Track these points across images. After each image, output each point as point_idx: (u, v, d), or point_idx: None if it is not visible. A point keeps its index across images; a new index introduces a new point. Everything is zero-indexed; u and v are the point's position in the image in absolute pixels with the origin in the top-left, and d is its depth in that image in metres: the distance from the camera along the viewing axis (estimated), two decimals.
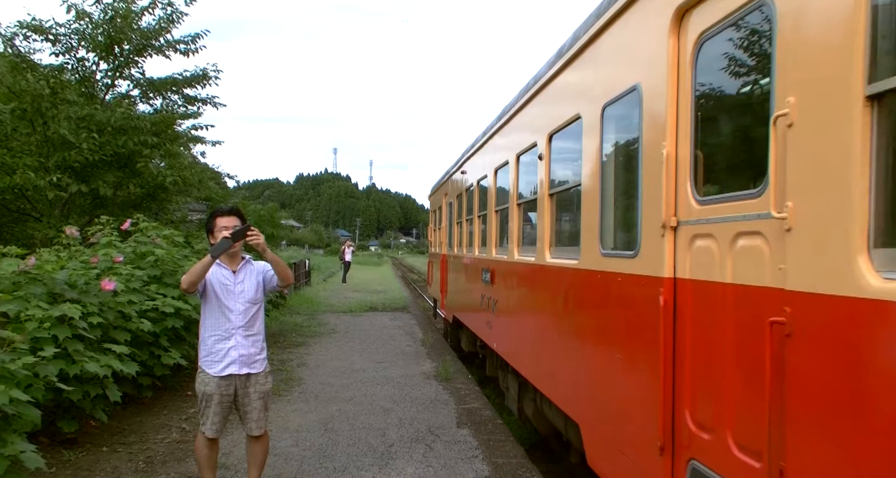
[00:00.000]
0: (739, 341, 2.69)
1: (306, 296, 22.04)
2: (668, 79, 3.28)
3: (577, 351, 4.67)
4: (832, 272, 2.12)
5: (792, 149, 2.33)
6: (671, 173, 3.24)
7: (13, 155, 11.52)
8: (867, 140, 2.00)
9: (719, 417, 2.83)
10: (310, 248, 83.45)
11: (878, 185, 1.99)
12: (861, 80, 2.01)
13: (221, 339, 4.41)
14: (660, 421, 3.24)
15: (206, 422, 4.46)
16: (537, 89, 5.87)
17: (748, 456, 2.62)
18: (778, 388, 2.37)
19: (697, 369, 3.02)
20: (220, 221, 4.48)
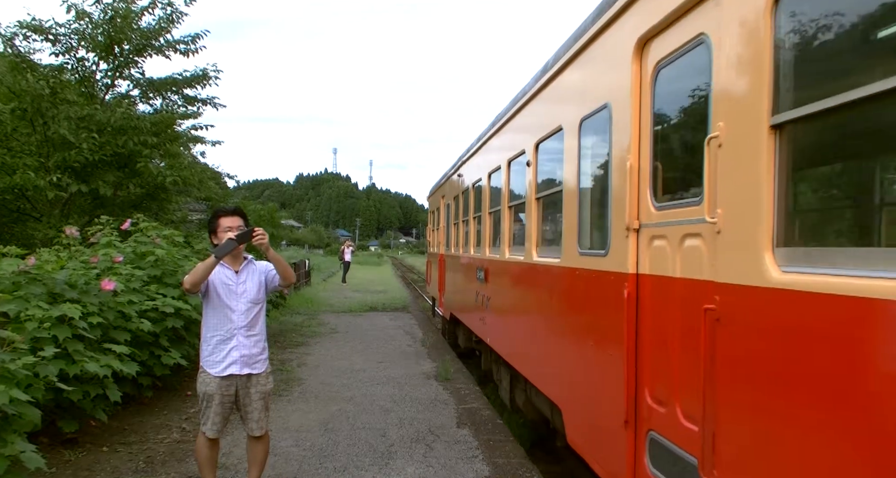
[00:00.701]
0: (684, 327, 3.14)
1: (306, 296, 22.04)
2: (632, 99, 3.73)
3: (559, 341, 5.14)
4: (747, 267, 2.59)
5: (721, 165, 2.79)
6: (634, 182, 3.71)
7: (13, 155, 11.52)
8: (771, 161, 2.47)
9: (671, 392, 3.28)
10: (310, 248, 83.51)
11: (779, 197, 2.46)
12: (767, 111, 2.48)
13: (223, 339, 4.41)
14: (624, 399, 3.72)
15: (206, 422, 4.46)
16: (526, 101, 6.30)
17: (691, 423, 3.07)
18: (710, 364, 2.83)
19: (654, 352, 3.49)
20: (224, 221, 4.48)
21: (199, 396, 4.49)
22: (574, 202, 4.81)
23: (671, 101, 3.52)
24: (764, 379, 2.50)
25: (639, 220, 3.70)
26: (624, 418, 3.72)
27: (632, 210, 3.73)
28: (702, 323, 2.86)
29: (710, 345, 2.83)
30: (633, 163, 3.70)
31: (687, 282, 3.14)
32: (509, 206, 7.21)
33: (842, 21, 2.28)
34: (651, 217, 3.58)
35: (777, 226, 2.48)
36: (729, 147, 2.72)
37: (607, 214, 4.09)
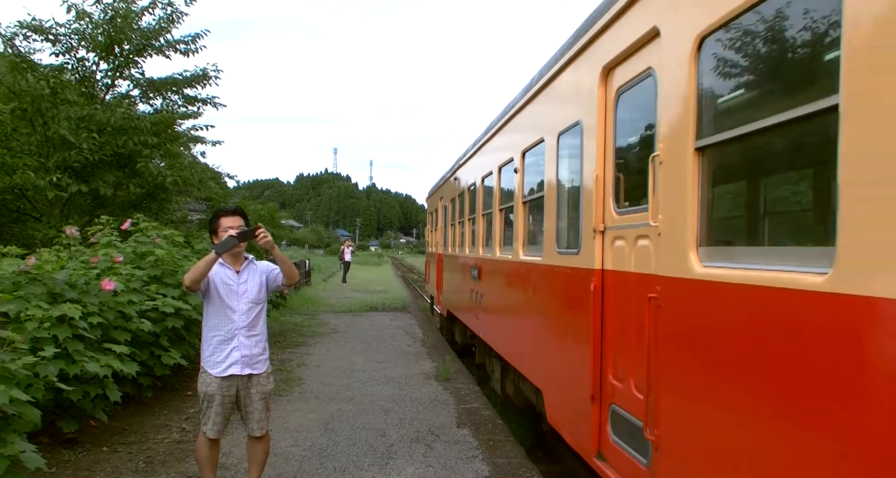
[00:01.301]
0: (636, 313, 3.72)
1: (306, 296, 22.04)
2: (599, 118, 4.31)
3: (540, 331, 5.74)
4: (678, 262, 3.15)
5: (661, 179, 3.36)
6: (600, 190, 4.30)
7: (13, 155, 11.51)
8: (696, 177, 3.06)
9: (627, 369, 3.87)
10: (310, 248, 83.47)
11: (701, 206, 3.05)
12: (693, 137, 3.06)
13: (224, 339, 4.41)
14: (590, 377, 4.31)
15: (207, 422, 4.46)
16: (514, 112, 6.88)
17: (640, 394, 3.64)
18: (653, 343, 3.41)
19: (615, 336, 4.08)
20: (224, 221, 4.49)
21: (200, 396, 4.48)
22: (553, 206, 5.41)
23: (629, 122, 4.11)
24: (690, 353, 3.09)
25: (604, 223, 4.29)
26: (591, 395, 4.31)
27: (598, 214, 4.32)
28: (647, 309, 3.49)
29: (652, 327, 3.43)
30: (598, 173, 4.31)
31: (639, 275, 3.74)
32: (500, 208, 7.77)
33: (746, 66, 2.86)
34: (613, 221, 4.17)
35: (700, 229, 3.07)
36: (666, 164, 3.31)
37: (579, 217, 4.65)
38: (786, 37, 2.53)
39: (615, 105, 4.19)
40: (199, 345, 4.61)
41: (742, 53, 2.82)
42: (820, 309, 2.19)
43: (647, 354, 3.46)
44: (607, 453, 4.15)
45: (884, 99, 1.92)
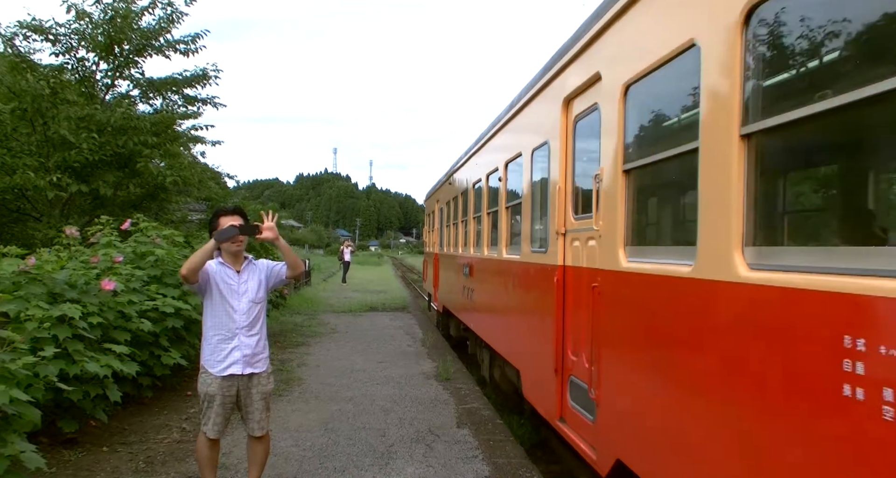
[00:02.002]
0: (585, 300, 4.56)
1: (306, 296, 22.04)
2: (561, 140, 5.20)
3: (518, 318, 6.76)
4: (612, 259, 4.03)
5: (602, 193, 4.25)
6: (562, 200, 5.17)
7: (13, 155, 11.50)
8: (623, 191, 3.94)
9: (580, 346, 4.72)
10: (310, 248, 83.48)
11: (627, 213, 3.92)
12: (621, 161, 3.93)
13: (225, 338, 4.41)
14: (554, 355, 5.18)
15: (207, 422, 4.45)
16: (498, 128, 7.79)
17: (588, 364, 4.48)
18: (595, 323, 4.33)
19: (572, 319, 4.92)
20: (224, 220, 4.50)
21: (200, 396, 4.47)
22: (528, 211, 6.34)
23: (583, 145, 4.94)
24: (617, 327, 4.02)
25: (565, 227, 5.14)
26: (555, 369, 5.17)
27: (560, 219, 5.18)
28: (591, 295, 4.38)
29: (594, 310, 4.32)
30: (561, 186, 5.20)
31: (588, 269, 4.59)
32: (487, 212, 8.65)
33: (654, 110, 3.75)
34: (571, 225, 5.03)
35: (626, 233, 3.93)
36: (604, 182, 4.17)
37: (547, 222, 5.51)
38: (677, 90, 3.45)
39: (574, 130, 5.09)
40: (199, 345, 4.60)
41: (652, 100, 3.77)
42: (688, 289, 3.10)
43: (591, 331, 4.41)
44: (567, 417, 5.03)
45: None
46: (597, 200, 4.35)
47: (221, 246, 4.43)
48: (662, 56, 3.39)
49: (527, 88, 6.32)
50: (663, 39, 3.35)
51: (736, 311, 2.70)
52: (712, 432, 2.86)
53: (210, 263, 4.38)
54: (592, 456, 4.33)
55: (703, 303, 2.97)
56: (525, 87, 6.44)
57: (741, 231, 2.68)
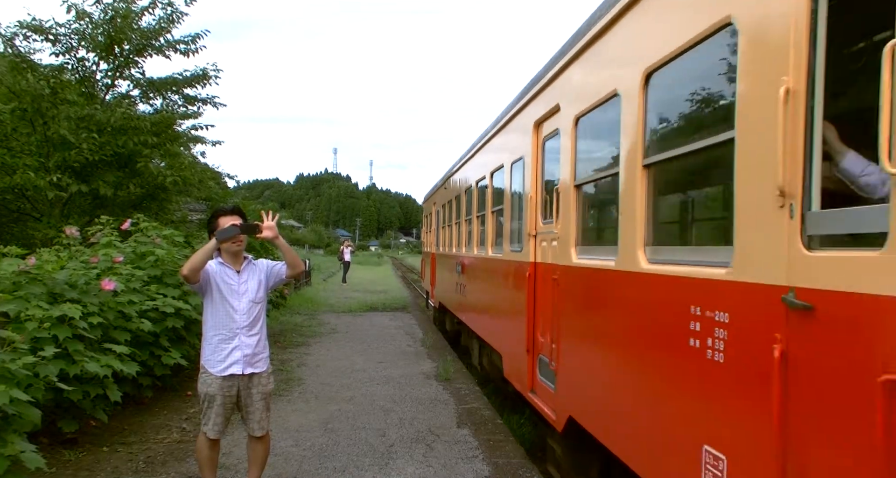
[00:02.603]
0: (548, 290, 5.49)
1: (306, 296, 22.04)
2: (533, 157, 6.15)
3: (500, 308, 7.68)
4: (566, 256, 4.90)
5: (560, 203, 5.13)
6: (533, 207, 6.08)
7: (13, 155, 11.50)
8: (575, 202, 4.81)
9: (545, 329, 5.58)
10: (310, 248, 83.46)
11: (577, 221, 4.82)
12: (573, 178, 4.85)
13: (226, 338, 4.41)
14: (526, 337, 6.12)
15: (207, 423, 4.45)
16: (486, 140, 8.79)
17: (551, 343, 5.33)
18: (555, 307, 5.22)
19: (540, 306, 5.80)
20: (223, 220, 4.51)
21: (201, 396, 4.47)
22: (509, 215, 7.33)
23: (549, 161, 5.81)
24: (569, 310, 4.91)
25: (535, 229, 6.02)
26: (527, 349, 6.10)
27: (532, 223, 6.09)
28: (552, 286, 5.30)
29: (554, 298, 5.24)
30: (532, 195, 6.16)
31: (550, 265, 5.47)
32: (477, 215, 9.60)
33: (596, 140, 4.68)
34: (540, 229, 5.92)
35: (576, 235, 4.85)
36: (561, 194, 5.11)
37: (523, 225, 6.41)
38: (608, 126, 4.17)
39: (543, 149, 5.99)
40: (199, 345, 4.60)
41: (593, 132, 4.70)
42: (612, 278, 4.00)
43: (552, 315, 5.30)
44: (536, 389, 5.95)
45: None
46: (557, 209, 5.24)
47: (221, 246, 4.42)
48: (598, 99, 4.30)
49: (508, 108, 7.30)
50: (598, 86, 4.33)
51: (639, 292, 3.63)
52: (624, 380, 3.87)
53: (210, 263, 4.38)
54: (553, 417, 5.25)
55: (621, 287, 3.92)
56: (507, 107, 7.43)
57: (643, 236, 3.60)
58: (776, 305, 2.36)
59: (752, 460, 2.51)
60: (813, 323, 2.21)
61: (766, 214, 2.45)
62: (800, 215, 2.29)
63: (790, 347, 2.31)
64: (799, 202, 2.29)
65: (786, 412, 2.31)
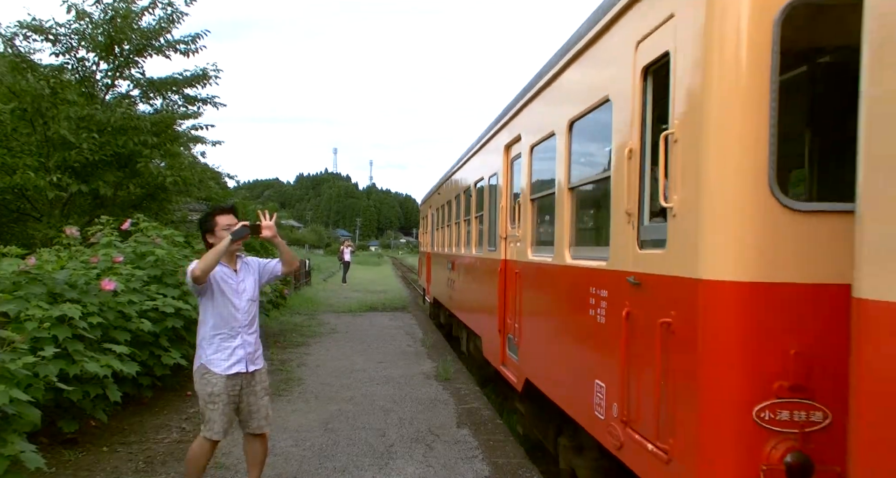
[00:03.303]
0: (513, 281, 6.63)
1: (306, 296, 22.04)
2: (503, 174, 7.36)
3: (480, 298, 8.90)
4: (524, 254, 6.13)
5: (521, 213, 6.22)
6: (504, 214, 7.23)
7: (13, 155, 11.50)
8: (531, 213, 6.04)
9: (511, 312, 6.73)
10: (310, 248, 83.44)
11: (532, 227, 6.06)
12: (529, 194, 6.05)
13: (228, 337, 4.42)
14: (498, 320, 7.25)
15: (212, 426, 4.37)
16: (470, 155, 10.15)
17: (515, 324, 6.45)
18: (516, 295, 6.36)
19: (508, 295, 6.89)
20: (221, 218, 4.49)
21: (203, 398, 4.40)
22: (487, 220, 8.50)
23: (516, 179, 6.92)
24: (525, 295, 6.11)
25: (505, 233, 7.18)
26: (499, 329, 7.27)
27: (503, 227, 7.25)
28: (515, 278, 6.51)
29: (516, 286, 6.45)
30: (503, 204, 7.28)
31: (514, 261, 6.66)
32: (464, 219, 10.82)
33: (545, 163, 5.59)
34: (509, 232, 7.05)
35: (531, 237, 6.08)
36: (521, 205, 6.25)
37: (496, 229, 7.58)
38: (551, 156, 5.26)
39: (511, 167, 7.15)
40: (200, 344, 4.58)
41: (541, 158, 5.82)
42: (551, 270, 5.24)
43: (515, 301, 6.48)
44: (506, 362, 7.06)
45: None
46: (519, 216, 6.34)
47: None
48: (543, 135, 5.57)
49: (486, 130, 8.57)
50: (543, 125, 5.60)
51: (564, 279, 4.93)
52: (554, 343, 5.17)
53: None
54: (515, 381, 6.46)
55: (555, 276, 5.16)
56: (485, 130, 8.69)
57: (568, 239, 4.87)
58: (625, 284, 3.63)
59: (616, 385, 3.76)
60: (640, 293, 3.50)
61: (623, 226, 3.74)
62: (636, 227, 3.59)
63: (631, 309, 3.60)
64: (636, 218, 3.60)
65: (628, 351, 3.60)
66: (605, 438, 3.95)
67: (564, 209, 4.87)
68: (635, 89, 3.62)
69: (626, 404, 3.61)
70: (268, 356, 10.70)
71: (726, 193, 2.83)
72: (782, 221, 2.78)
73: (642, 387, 3.44)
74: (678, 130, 3.11)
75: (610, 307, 3.88)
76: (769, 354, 2.77)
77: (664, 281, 3.22)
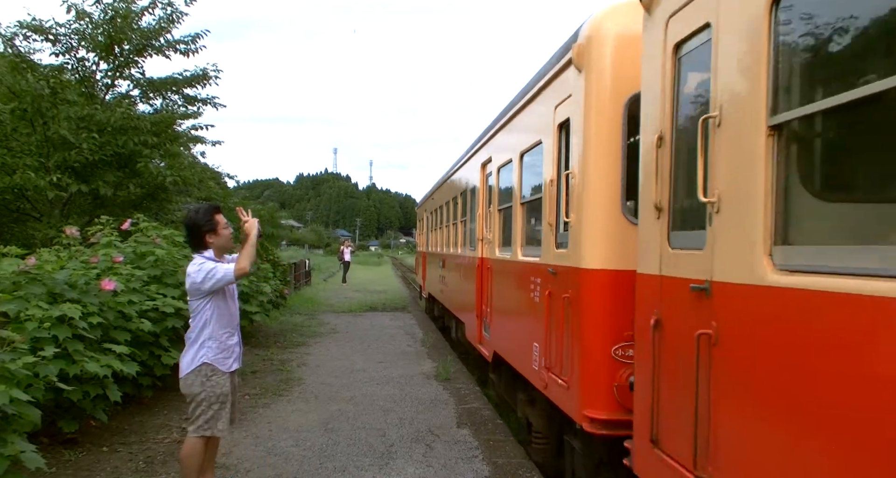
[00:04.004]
0: (487, 275, 8.20)
1: (306, 296, 22.05)
2: (481, 187, 8.83)
3: (463, 290, 10.40)
4: (493, 252, 7.82)
5: (490, 219, 8.16)
6: (480, 221, 8.70)
7: (13, 155, 11.51)
8: (497, 220, 7.71)
9: (485, 299, 8.26)
10: (310, 248, 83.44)
11: (498, 231, 7.69)
12: (497, 204, 7.81)
13: (230, 335, 4.51)
14: (476, 307, 8.74)
15: (216, 424, 4.40)
16: (456, 169, 11.93)
17: (487, 308, 8.14)
18: (490, 285, 7.98)
19: (485, 286, 8.27)
20: (220, 217, 4.55)
21: (210, 398, 4.37)
22: (469, 225, 10.07)
23: (488, 192, 8.28)
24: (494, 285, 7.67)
25: (482, 235, 8.58)
26: (476, 314, 8.71)
27: (480, 231, 8.73)
28: (488, 272, 8.04)
29: (490, 279, 7.91)
30: (480, 212, 8.78)
31: (487, 258, 8.11)
32: (452, 223, 12.55)
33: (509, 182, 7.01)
34: (484, 235, 8.43)
35: (499, 239, 7.58)
36: (492, 214, 7.86)
37: (474, 233, 9.26)
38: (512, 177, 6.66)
39: (486, 182, 8.57)
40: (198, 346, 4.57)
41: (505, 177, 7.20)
42: (509, 264, 6.78)
43: (487, 289, 7.99)
44: (482, 341, 8.44)
45: None
46: (491, 222, 7.87)
47: (221, 245, 4.51)
48: (507, 159, 7.02)
49: (469, 149, 10.24)
50: (506, 151, 7.05)
51: (516, 271, 6.42)
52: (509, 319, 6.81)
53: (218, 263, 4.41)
54: (487, 354, 8.04)
55: (511, 269, 6.65)
56: (468, 148, 10.35)
57: (521, 240, 6.34)
58: (548, 272, 5.08)
59: (543, 343, 5.17)
60: (555, 279, 4.93)
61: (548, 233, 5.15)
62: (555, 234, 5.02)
63: (551, 290, 4.98)
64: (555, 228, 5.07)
65: (549, 319, 5.04)
66: (537, 382, 5.41)
67: (517, 218, 6.51)
68: (554, 138, 5.12)
69: (549, 356, 5.04)
70: (268, 356, 10.72)
71: (598, 214, 4.30)
72: (628, 233, 4.16)
73: (556, 342, 4.87)
74: (574, 170, 4.57)
75: (541, 290, 5.34)
76: (621, 314, 4.11)
77: (566, 270, 4.68)
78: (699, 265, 2.95)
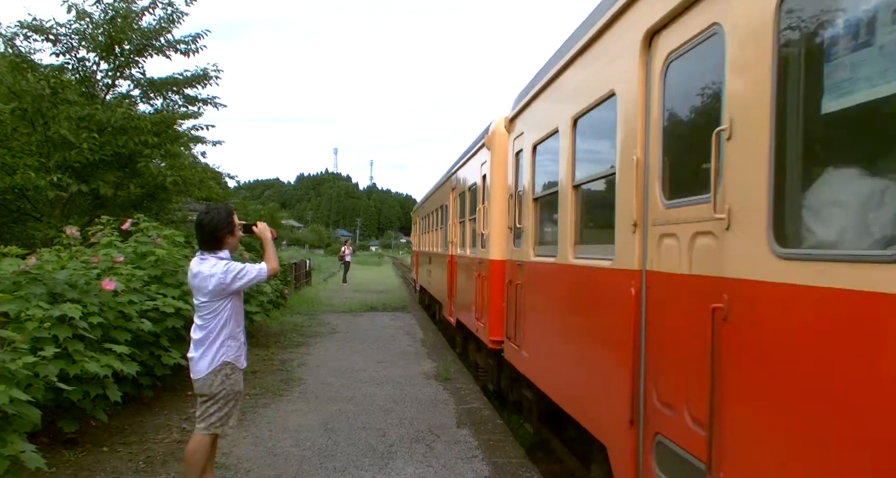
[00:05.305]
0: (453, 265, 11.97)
1: (307, 296, 22.05)
2: (451, 205, 12.50)
3: (439, 278, 13.38)
4: (456, 251, 11.64)
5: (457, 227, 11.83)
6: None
7: (13, 155, 11.51)
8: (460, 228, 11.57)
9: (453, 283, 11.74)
10: (310, 248, 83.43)
11: (460, 237, 11.34)
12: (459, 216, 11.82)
13: (241, 334, 4.59)
14: (447, 289, 12.33)
15: (227, 422, 4.47)
16: (437, 188, 14.56)
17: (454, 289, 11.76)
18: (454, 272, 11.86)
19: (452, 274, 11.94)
20: (236, 219, 4.64)
21: (228, 396, 4.41)
22: (444, 232, 12.64)
23: (455, 208, 11.88)
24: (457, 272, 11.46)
25: (451, 239, 11.96)
26: (448, 295, 12.04)
27: (450, 235, 12.19)
28: (454, 265, 11.70)
29: (454, 270, 11.70)
30: (451, 222, 12.16)
31: (454, 255, 11.74)
32: (434, 229, 15.12)
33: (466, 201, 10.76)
34: (452, 238, 11.96)
35: (460, 242, 11.17)
36: (457, 224, 11.73)
37: (448, 236, 12.32)
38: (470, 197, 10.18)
39: (454, 202, 11.31)
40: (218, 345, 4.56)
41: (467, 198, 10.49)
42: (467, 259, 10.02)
43: (454, 277, 11.27)
44: (451, 314, 11.20)
45: None
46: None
47: (234, 246, 4.62)
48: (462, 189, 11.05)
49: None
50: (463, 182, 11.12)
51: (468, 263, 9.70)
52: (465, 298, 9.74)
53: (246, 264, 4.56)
54: (452, 322, 11.09)
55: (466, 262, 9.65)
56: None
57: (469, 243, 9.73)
58: (478, 263, 8.60)
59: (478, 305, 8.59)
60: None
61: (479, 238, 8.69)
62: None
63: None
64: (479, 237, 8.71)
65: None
66: (474, 327, 8.95)
67: (467, 229, 9.67)
68: (480, 184, 8.81)
69: (481, 311, 8.23)
70: (268, 356, 10.73)
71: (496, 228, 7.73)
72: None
73: (480, 301, 8.33)
74: (488, 204, 8.02)
75: (476, 273, 8.73)
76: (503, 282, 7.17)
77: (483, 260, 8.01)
78: (519, 255, 6.58)
